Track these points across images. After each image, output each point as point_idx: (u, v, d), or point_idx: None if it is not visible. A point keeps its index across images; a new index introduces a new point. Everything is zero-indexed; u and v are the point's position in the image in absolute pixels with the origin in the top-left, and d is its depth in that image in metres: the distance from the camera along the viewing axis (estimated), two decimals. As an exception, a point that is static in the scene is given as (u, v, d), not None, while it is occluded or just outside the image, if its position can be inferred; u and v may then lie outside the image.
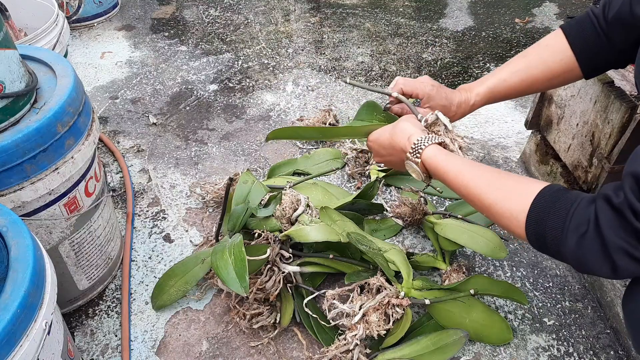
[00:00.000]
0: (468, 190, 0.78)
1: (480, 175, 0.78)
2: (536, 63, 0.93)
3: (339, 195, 1.33)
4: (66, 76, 0.94)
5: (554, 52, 0.92)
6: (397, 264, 1.09)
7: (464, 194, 0.79)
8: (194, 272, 1.12)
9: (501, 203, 0.72)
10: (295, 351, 1.04)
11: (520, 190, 0.71)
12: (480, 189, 0.76)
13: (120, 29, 2.30)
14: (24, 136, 0.81)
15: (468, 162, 0.81)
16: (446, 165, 0.82)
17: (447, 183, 0.82)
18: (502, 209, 0.72)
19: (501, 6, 2.49)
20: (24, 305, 0.61)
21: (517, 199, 0.71)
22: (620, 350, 1.04)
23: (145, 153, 1.57)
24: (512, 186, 0.73)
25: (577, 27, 0.90)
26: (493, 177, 0.76)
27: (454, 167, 0.81)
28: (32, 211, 0.89)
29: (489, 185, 0.75)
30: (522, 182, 0.73)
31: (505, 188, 0.74)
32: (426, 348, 0.99)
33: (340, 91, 1.86)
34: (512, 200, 0.71)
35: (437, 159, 0.83)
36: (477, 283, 1.07)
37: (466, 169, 0.80)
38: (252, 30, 2.28)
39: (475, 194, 0.77)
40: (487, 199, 0.75)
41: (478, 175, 0.78)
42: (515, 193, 0.72)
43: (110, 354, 1.03)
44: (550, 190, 0.68)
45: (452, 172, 0.81)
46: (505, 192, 0.73)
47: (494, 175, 0.77)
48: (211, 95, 1.84)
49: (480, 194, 0.76)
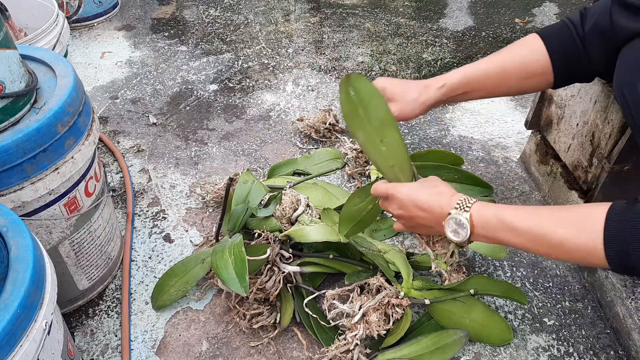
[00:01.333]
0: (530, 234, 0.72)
1: (540, 214, 0.73)
2: (512, 58, 0.92)
3: (339, 195, 1.33)
4: (66, 76, 0.94)
5: (531, 52, 0.91)
6: (397, 265, 1.09)
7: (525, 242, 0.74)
8: (194, 272, 1.12)
9: (572, 240, 0.68)
10: (295, 351, 1.04)
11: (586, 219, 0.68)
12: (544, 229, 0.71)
13: (120, 29, 2.30)
14: (24, 136, 0.81)
15: (519, 207, 0.78)
16: (502, 213, 0.76)
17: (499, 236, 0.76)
18: (574, 245, 0.68)
19: (501, 6, 2.49)
20: (24, 305, 0.61)
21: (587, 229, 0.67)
22: (620, 350, 1.04)
23: (145, 153, 1.57)
24: (576, 216, 0.69)
25: (555, 33, 0.90)
26: (553, 214, 0.72)
27: (510, 214, 0.75)
28: (32, 211, 0.89)
29: (551, 223, 0.71)
30: (584, 210, 0.70)
31: (570, 222, 0.69)
32: (426, 348, 0.99)
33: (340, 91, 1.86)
34: (582, 233, 0.67)
35: (489, 208, 0.78)
36: (477, 283, 1.07)
37: (522, 214, 0.75)
38: (252, 30, 2.28)
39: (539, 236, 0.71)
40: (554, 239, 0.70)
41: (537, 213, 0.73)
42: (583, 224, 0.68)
43: (110, 354, 1.03)
44: (616, 209, 0.66)
45: (508, 219, 0.75)
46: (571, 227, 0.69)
47: (553, 212, 0.73)
48: (211, 95, 1.84)
49: (546, 234, 0.71)
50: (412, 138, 1.62)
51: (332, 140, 1.60)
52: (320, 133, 1.59)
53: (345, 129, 1.62)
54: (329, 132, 1.60)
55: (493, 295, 1.13)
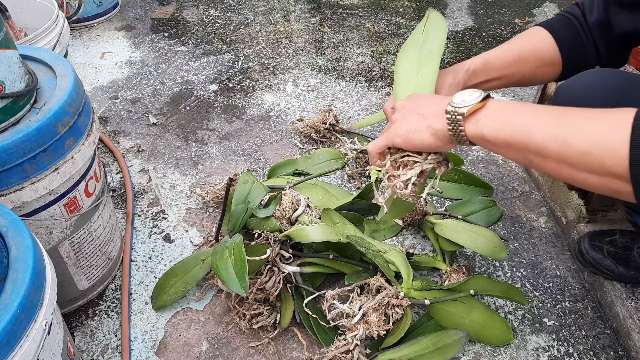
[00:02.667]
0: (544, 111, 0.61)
1: (542, 113, 0.62)
2: (527, 45, 0.91)
3: (339, 196, 1.33)
4: (66, 76, 0.94)
5: (541, 41, 0.91)
6: (397, 265, 1.09)
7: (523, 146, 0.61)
8: (194, 272, 1.12)
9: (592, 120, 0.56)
10: (295, 351, 1.04)
11: (609, 118, 0.55)
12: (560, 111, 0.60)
13: (120, 29, 2.30)
14: (24, 136, 0.81)
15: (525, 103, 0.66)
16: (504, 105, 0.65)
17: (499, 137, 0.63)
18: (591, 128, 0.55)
19: (501, 6, 2.49)
20: (24, 305, 0.61)
21: (608, 126, 0.54)
22: (620, 351, 1.04)
23: (145, 153, 1.57)
24: (594, 117, 0.57)
25: (559, 25, 0.90)
26: (561, 112, 0.60)
27: (519, 104, 0.64)
28: (32, 211, 0.89)
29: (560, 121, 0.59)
30: (604, 112, 0.57)
31: (592, 111, 0.57)
32: (426, 348, 0.99)
33: (340, 91, 1.86)
34: (600, 129, 0.55)
35: (492, 100, 0.66)
36: (477, 283, 1.07)
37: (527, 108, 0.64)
38: (252, 31, 2.28)
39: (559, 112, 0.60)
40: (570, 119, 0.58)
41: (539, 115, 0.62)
42: (603, 123, 0.55)
43: (110, 354, 1.03)
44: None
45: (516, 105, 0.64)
46: (594, 112, 0.57)
47: (562, 111, 0.60)
48: (211, 95, 1.84)
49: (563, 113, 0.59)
50: (412, 138, 1.62)
51: (332, 141, 1.60)
52: (320, 133, 1.59)
53: (346, 130, 1.62)
54: (329, 132, 1.60)
55: (493, 296, 1.13)
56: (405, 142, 0.73)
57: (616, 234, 1.11)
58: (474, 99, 0.66)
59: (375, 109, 1.77)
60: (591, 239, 1.12)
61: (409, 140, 0.72)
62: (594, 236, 1.13)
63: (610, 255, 1.08)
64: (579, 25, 0.88)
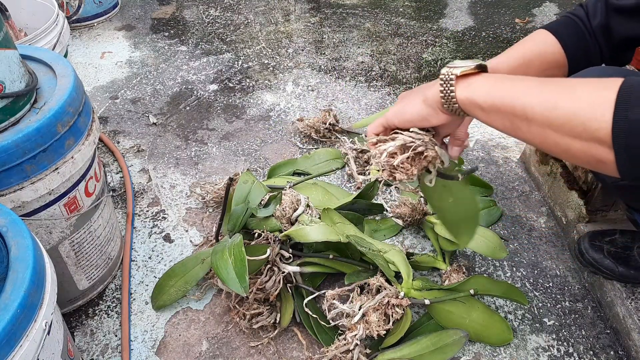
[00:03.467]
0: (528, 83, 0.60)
1: (531, 80, 0.60)
2: (531, 49, 0.91)
3: (339, 195, 1.33)
4: (66, 76, 0.94)
5: (546, 44, 0.91)
6: (397, 265, 1.09)
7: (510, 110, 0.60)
8: (194, 272, 1.12)
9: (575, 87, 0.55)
10: (295, 351, 1.04)
11: (597, 82, 0.54)
12: (541, 80, 0.59)
13: (120, 29, 2.30)
14: (24, 136, 0.81)
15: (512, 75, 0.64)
16: (497, 75, 0.64)
17: (488, 101, 0.62)
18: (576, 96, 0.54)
19: (501, 6, 2.49)
20: (24, 305, 0.61)
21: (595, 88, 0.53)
22: (620, 350, 1.04)
23: (145, 153, 1.57)
24: (583, 81, 0.55)
25: (563, 27, 0.91)
26: (552, 80, 0.59)
27: (504, 76, 0.63)
28: (32, 211, 0.89)
29: (549, 86, 0.58)
30: (594, 79, 0.55)
31: (575, 82, 0.56)
32: (426, 348, 0.99)
33: (340, 91, 1.86)
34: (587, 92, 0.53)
35: (475, 74, 0.65)
36: (477, 283, 1.07)
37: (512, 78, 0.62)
38: (252, 30, 2.28)
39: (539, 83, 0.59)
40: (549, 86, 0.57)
41: (528, 81, 0.61)
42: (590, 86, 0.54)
43: (110, 354, 1.03)
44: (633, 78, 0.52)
45: (500, 76, 0.63)
46: (575, 88, 0.55)
47: (553, 79, 0.59)
48: (211, 95, 1.84)
49: (544, 81, 0.58)
50: (412, 138, 1.62)
51: (332, 140, 1.60)
52: (320, 133, 1.59)
53: (345, 130, 1.62)
54: (329, 132, 1.60)
55: (493, 296, 1.13)
56: (397, 115, 0.72)
57: (616, 234, 1.11)
58: (469, 64, 0.66)
59: (375, 108, 1.77)
60: (591, 238, 1.12)
61: (401, 113, 0.71)
62: (593, 236, 1.13)
63: (610, 255, 1.08)
64: (583, 27, 0.88)
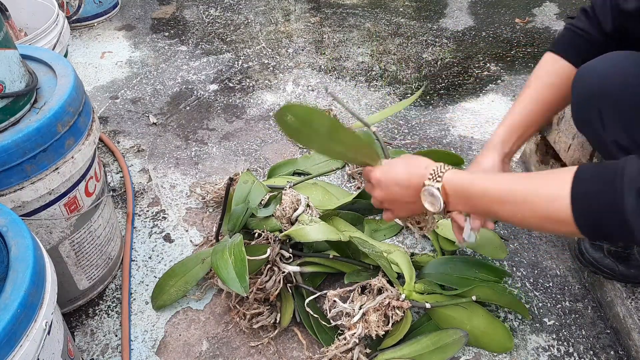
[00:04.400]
0: (499, 193, 0.70)
1: (512, 176, 0.73)
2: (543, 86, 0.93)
3: (339, 195, 1.33)
4: (66, 76, 0.94)
5: (561, 75, 0.91)
6: (401, 266, 1.09)
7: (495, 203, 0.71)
8: (194, 272, 1.12)
9: (538, 189, 0.66)
10: (295, 351, 1.04)
11: (555, 172, 0.67)
12: (512, 185, 0.70)
13: (120, 29, 2.30)
14: (24, 136, 0.81)
15: (493, 174, 0.76)
16: (471, 180, 0.74)
17: (473, 201, 0.74)
18: (538, 198, 0.66)
19: (501, 6, 2.49)
20: (24, 305, 0.61)
21: (555, 177, 0.66)
22: (620, 350, 1.04)
23: (145, 153, 1.57)
24: (545, 177, 0.68)
25: (573, 47, 0.91)
26: (521, 179, 0.71)
27: (480, 181, 0.73)
28: (32, 211, 0.89)
29: (520, 179, 0.70)
30: (553, 172, 0.68)
31: (538, 176, 0.69)
32: (426, 348, 0.99)
33: (340, 91, 1.86)
34: (550, 181, 0.66)
35: (461, 176, 0.75)
36: (481, 292, 1.05)
37: (494, 177, 0.75)
38: (252, 30, 2.28)
39: (507, 191, 0.70)
40: (520, 192, 0.68)
41: (507, 180, 0.72)
42: (551, 175, 0.67)
43: (110, 354, 1.03)
44: (585, 166, 0.64)
45: (478, 185, 0.73)
46: (539, 178, 0.68)
47: (522, 177, 0.71)
48: (211, 95, 1.84)
49: (512, 188, 0.69)
50: (412, 138, 1.62)
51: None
52: (320, 133, 1.59)
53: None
54: (329, 132, 1.59)
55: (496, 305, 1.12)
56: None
57: (616, 234, 1.11)
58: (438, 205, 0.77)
59: (376, 108, 1.77)
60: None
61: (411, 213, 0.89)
62: (594, 236, 1.13)
63: (610, 255, 1.08)
64: (594, 39, 0.88)
